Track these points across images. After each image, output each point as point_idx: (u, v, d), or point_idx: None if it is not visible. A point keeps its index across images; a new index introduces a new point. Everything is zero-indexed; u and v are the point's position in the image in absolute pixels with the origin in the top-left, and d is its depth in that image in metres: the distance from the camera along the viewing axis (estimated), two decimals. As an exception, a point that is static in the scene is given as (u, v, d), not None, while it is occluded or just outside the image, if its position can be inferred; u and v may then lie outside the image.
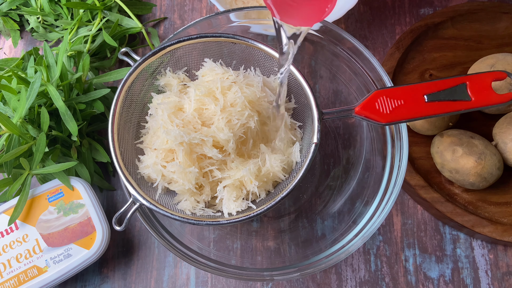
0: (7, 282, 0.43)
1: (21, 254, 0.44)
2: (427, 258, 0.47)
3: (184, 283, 0.48)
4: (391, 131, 0.41)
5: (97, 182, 0.50)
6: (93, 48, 0.53)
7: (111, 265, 0.49)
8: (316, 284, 0.47)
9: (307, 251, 0.43)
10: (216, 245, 0.47)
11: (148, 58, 0.39)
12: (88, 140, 0.49)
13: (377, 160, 0.43)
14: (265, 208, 0.36)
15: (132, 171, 0.38)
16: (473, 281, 0.46)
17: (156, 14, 0.59)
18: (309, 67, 0.50)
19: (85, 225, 0.45)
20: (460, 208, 0.46)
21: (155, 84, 0.41)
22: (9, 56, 0.58)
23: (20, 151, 0.43)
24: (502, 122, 0.46)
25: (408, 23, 0.56)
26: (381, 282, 0.47)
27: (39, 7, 0.56)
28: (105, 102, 0.50)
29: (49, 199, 0.45)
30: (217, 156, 0.37)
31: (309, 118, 0.38)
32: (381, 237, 0.48)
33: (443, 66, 0.52)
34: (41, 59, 0.46)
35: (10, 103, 0.44)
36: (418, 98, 0.37)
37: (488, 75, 0.38)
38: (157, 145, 0.39)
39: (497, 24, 0.53)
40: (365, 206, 0.41)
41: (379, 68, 0.41)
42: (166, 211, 0.36)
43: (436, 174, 0.48)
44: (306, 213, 0.48)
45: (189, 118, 0.38)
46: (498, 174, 0.45)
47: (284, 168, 0.39)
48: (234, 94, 0.38)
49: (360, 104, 0.37)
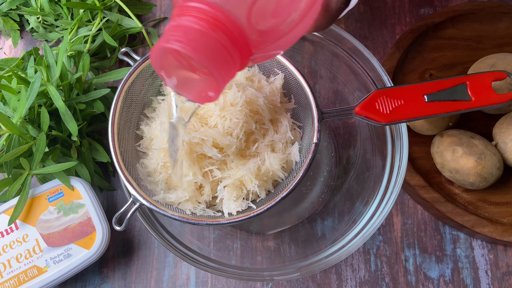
0: (7, 282, 0.43)
1: (21, 254, 0.44)
2: (427, 258, 0.47)
3: (184, 283, 0.48)
4: (391, 131, 0.41)
5: (97, 182, 0.50)
6: (93, 48, 0.53)
7: (111, 265, 0.49)
8: (316, 284, 0.47)
9: (307, 251, 0.43)
10: (216, 245, 0.47)
11: (148, 58, 0.39)
12: (88, 140, 0.49)
13: (377, 160, 0.43)
14: (265, 208, 0.36)
15: (132, 171, 0.38)
16: (473, 281, 0.46)
17: (156, 14, 0.59)
18: (309, 67, 0.50)
19: (85, 225, 0.45)
20: (460, 208, 0.46)
21: (155, 84, 0.41)
22: (9, 56, 0.58)
23: (20, 151, 0.42)
24: (502, 122, 0.46)
25: (408, 23, 0.56)
26: (381, 282, 0.47)
27: (39, 7, 0.56)
28: (105, 102, 0.50)
29: (49, 199, 0.45)
30: (216, 156, 0.37)
31: (309, 118, 0.38)
32: (381, 237, 0.48)
33: (443, 66, 0.52)
34: (41, 59, 0.46)
35: (10, 103, 0.44)
36: (418, 98, 0.37)
37: (488, 75, 0.38)
38: (156, 145, 0.39)
39: (497, 24, 0.53)
40: (365, 206, 0.41)
41: (379, 68, 0.41)
42: (166, 211, 0.36)
43: (436, 174, 0.48)
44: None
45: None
46: (498, 174, 0.45)
47: (283, 167, 0.39)
48: (234, 94, 0.38)
49: (360, 104, 0.37)
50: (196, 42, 0.22)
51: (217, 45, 0.23)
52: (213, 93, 0.25)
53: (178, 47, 0.22)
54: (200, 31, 0.22)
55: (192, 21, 0.23)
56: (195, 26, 0.22)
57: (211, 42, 0.22)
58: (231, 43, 0.23)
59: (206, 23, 0.22)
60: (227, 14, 0.23)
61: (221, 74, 0.24)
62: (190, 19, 0.23)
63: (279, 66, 0.40)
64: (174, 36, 0.23)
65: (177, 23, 0.23)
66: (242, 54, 0.24)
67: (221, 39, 0.23)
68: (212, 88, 0.25)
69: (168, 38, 0.23)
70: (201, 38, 0.22)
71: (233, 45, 0.23)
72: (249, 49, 0.24)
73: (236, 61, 0.24)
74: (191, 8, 0.23)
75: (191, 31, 0.22)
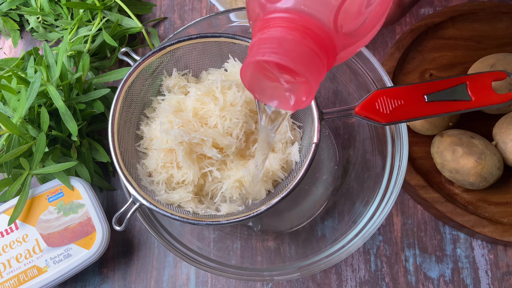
0: (7, 282, 0.43)
1: (21, 254, 0.44)
2: (427, 258, 0.47)
3: (184, 283, 0.48)
4: (391, 131, 0.41)
5: (97, 182, 0.50)
6: (93, 48, 0.53)
7: (111, 265, 0.49)
8: (316, 284, 0.47)
9: (307, 251, 0.43)
10: (216, 245, 0.47)
11: (148, 58, 0.39)
12: (88, 140, 0.49)
13: (377, 160, 0.43)
14: (265, 208, 0.36)
15: (132, 171, 0.38)
16: (473, 281, 0.46)
17: (156, 14, 0.59)
18: (309, 67, 0.50)
19: (85, 225, 0.45)
20: (460, 208, 0.46)
21: (155, 84, 0.41)
22: (9, 56, 0.58)
23: (20, 151, 0.42)
24: (502, 122, 0.46)
25: (408, 23, 0.56)
26: (381, 282, 0.47)
27: (39, 7, 0.56)
28: (105, 102, 0.50)
29: (49, 199, 0.45)
30: (216, 156, 0.37)
31: (309, 118, 0.38)
32: (381, 237, 0.48)
33: (443, 66, 0.52)
34: (41, 59, 0.46)
35: (10, 103, 0.44)
36: (418, 98, 0.37)
37: (488, 75, 0.38)
38: (156, 145, 0.39)
39: (497, 24, 0.53)
40: (365, 206, 0.41)
41: (379, 68, 0.41)
42: (166, 211, 0.36)
43: (436, 174, 0.48)
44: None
45: (189, 117, 0.38)
46: (498, 174, 0.45)
47: (283, 167, 0.39)
48: (234, 94, 0.38)
49: (360, 104, 0.37)
50: (292, 52, 0.23)
51: (310, 53, 0.23)
52: (305, 97, 0.26)
53: (277, 59, 0.23)
54: (294, 40, 0.23)
55: (284, 31, 0.23)
56: (288, 36, 0.23)
57: (304, 51, 0.23)
58: (320, 49, 0.24)
59: (297, 32, 0.23)
60: (316, 21, 0.23)
61: (314, 78, 0.24)
62: (281, 30, 0.23)
63: (279, 66, 0.40)
64: (268, 48, 0.23)
65: (268, 35, 0.23)
66: (329, 57, 0.25)
67: (312, 46, 0.23)
68: (305, 94, 0.26)
69: (263, 51, 0.23)
70: (295, 48, 0.23)
71: (322, 50, 0.24)
72: (335, 51, 0.25)
73: (324, 64, 0.25)
74: (278, 19, 0.23)
75: (285, 42, 0.23)
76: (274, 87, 0.27)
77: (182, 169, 0.38)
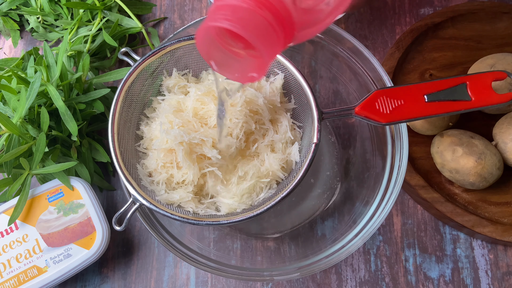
0: (7, 282, 0.43)
1: (21, 254, 0.44)
2: (427, 258, 0.47)
3: (184, 283, 0.48)
4: (391, 131, 0.41)
5: (97, 182, 0.50)
6: (93, 48, 0.53)
7: (111, 265, 0.49)
8: (316, 284, 0.47)
9: (307, 251, 0.43)
10: (216, 245, 0.47)
11: (148, 58, 0.39)
12: (88, 140, 0.49)
13: (377, 160, 0.43)
14: (265, 208, 0.36)
15: (132, 171, 0.38)
16: (473, 281, 0.46)
17: (156, 14, 0.59)
18: (309, 67, 0.50)
19: (85, 225, 0.45)
20: (460, 208, 0.46)
21: (155, 84, 0.41)
22: (9, 56, 0.58)
23: (20, 151, 0.43)
24: (502, 122, 0.46)
25: (408, 23, 0.56)
26: (381, 282, 0.47)
27: (39, 7, 0.56)
28: (105, 102, 0.50)
29: (49, 199, 0.45)
30: (216, 156, 0.37)
31: (309, 118, 0.38)
32: (381, 237, 0.48)
33: (443, 66, 0.52)
34: (41, 59, 0.46)
35: (10, 103, 0.44)
36: (418, 98, 0.37)
37: (488, 75, 0.38)
38: (156, 145, 0.39)
39: (497, 24, 0.53)
40: (365, 206, 0.41)
41: (379, 68, 0.41)
42: (166, 211, 0.36)
43: (436, 174, 0.48)
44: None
45: (189, 117, 0.38)
46: (498, 174, 0.45)
47: (283, 167, 0.39)
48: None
49: (360, 104, 0.37)
50: (245, 20, 0.22)
51: (264, 23, 0.23)
52: (255, 73, 0.26)
53: (228, 25, 0.22)
54: (248, 9, 0.23)
55: (239, 0, 0.23)
56: (243, 4, 0.23)
57: (258, 20, 0.23)
58: (277, 21, 0.23)
59: (253, 1, 0.23)
60: None
61: (268, 52, 0.24)
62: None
63: (279, 66, 0.40)
64: (222, 15, 0.23)
65: (223, 3, 0.23)
66: (286, 32, 0.24)
67: (268, 17, 0.23)
68: (255, 69, 0.26)
69: (216, 17, 0.23)
70: (249, 16, 0.23)
71: (278, 23, 0.23)
72: (293, 27, 0.24)
73: (280, 39, 0.24)
74: None
75: (239, 10, 0.23)
76: (230, 58, 0.27)
77: (182, 169, 0.38)
